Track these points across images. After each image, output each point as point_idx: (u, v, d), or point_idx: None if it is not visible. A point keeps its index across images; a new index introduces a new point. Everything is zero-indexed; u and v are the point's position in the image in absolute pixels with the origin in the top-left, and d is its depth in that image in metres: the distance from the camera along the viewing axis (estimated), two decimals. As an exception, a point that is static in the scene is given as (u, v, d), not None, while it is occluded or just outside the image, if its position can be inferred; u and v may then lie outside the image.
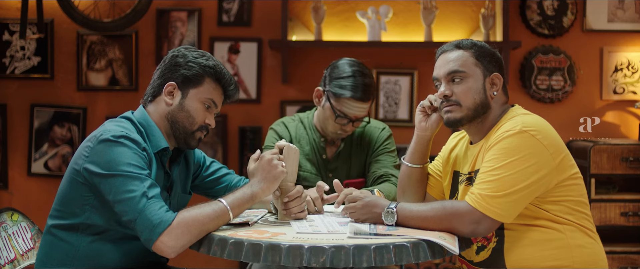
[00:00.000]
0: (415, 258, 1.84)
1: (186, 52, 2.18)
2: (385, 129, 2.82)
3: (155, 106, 2.17)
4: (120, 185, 1.94)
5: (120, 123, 2.10)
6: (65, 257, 2.05)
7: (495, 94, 2.15)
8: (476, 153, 2.15)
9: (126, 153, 1.98)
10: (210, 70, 2.15)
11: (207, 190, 2.42)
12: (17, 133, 4.21)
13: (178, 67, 2.15)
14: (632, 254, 3.67)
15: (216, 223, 1.98)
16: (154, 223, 1.90)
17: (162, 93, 2.15)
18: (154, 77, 2.20)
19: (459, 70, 2.14)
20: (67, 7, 3.93)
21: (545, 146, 2.01)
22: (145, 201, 1.92)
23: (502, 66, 2.20)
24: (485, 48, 2.18)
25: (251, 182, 2.09)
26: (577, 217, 2.08)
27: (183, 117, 2.15)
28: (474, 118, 2.16)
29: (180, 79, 2.14)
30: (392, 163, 2.74)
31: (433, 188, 2.38)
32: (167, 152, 2.16)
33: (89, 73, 4.18)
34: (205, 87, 2.16)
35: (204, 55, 2.18)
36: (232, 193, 2.05)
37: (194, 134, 2.17)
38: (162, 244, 1.90)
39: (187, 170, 2.32)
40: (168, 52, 2.22)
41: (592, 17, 4.08)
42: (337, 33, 4.11)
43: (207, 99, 2.16)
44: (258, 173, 2.10)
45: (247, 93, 4.15)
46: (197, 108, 2.15)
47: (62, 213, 2.07)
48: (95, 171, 1.98)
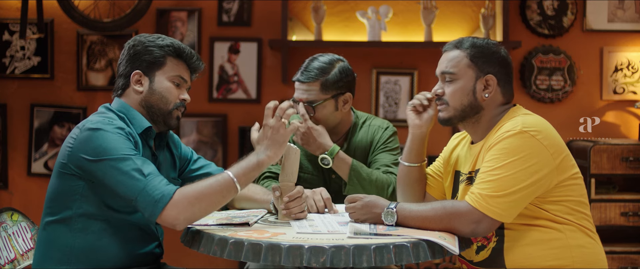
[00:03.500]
0: (415, 258, 1.84)
1: (141, 38, 2.21)
2: (388, 128, 2.75)
3: (127, 98, 2.20)
4: (113, 168, 1.96)
5: (100, 114, 2.14)
6: (62, 255, 2.06)
7: (487, 96, 2.14)
8: (477, 153, 2.16)
9: (113, 137, 2.01)
10: (169, 48, 2.19)
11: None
12: (17, 133, 4.21)
13: (138, 54, 2.18)
14: (632, 254, 3.67)
15: (222, 194, 1.98)
16: (155, 197, 1.92)
17: (131, 84, 2.19)
18: (119, 71, 2.23)
19: (449, 71, 2.16)
20: (67, 7, 3.93)
21: (545, 146, 2.01)
22: (143, 178, 1.94)
23: (504, 65, 2.18)
24: (485, 48, 2.17)
25: (256, 150, 2.07)
26: (577, 217, 2.08)
27: (156, 100, 2.18)
28: (464, 119, 2.17)
29: (144, 65, 2.18)
30: (392, 160, 2.67)
31: (433, 188, 2.38)
32: (152, 132, 2.19)
33: (89, 73, 4.18)
34: (169, 65, 2.19)
35: (160, 37, 2.22)
36: (237, 163, 2.05)
37: (171, 113, 2.20)
38: (167, 216, 1.92)
39: (172, 158, 2.34)
40: (124, 44, 2.25)
41: (592, 17, 4.08)
42: (337, 33, 4.12)
43: (174, 77, 2.20)
44: (263, 140, 2.07)
45: (247, 93, 4.15)
46: (167, 88, 2.19)
47: (54, 209, 2.09)
48: (85, 158, 1.99)
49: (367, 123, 2.77)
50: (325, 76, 2.59)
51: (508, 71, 2.19)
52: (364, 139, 2.74)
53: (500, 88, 2.17)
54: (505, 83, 2.18)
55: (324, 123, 2.63)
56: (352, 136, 2.74)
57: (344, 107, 2.66)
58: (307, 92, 2.60)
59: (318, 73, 2.59)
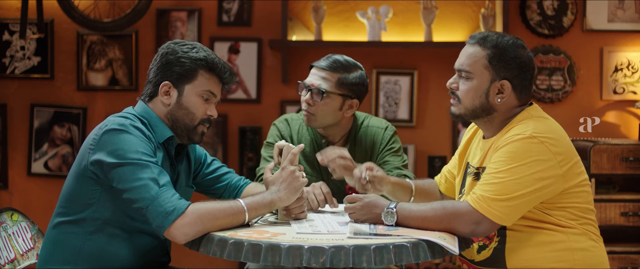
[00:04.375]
0: (415, 258, 1.84)
1: (175, 47, 2.16)
2: (388, 128, 2.75)
3: (153, 105, 2.17)
4: (130, 173, 1.94)
5: (122, 115, 2.11)
6: (69, 256, 2.05)
7: (500, 101, 2.10)
8: (487, 149, 2.14)
9: (133, 141, 1.99)
10: (202, 62, 2.13)
11: (207, 187, 2.42)
12: (17, 133, 4.21)
13: (170, 65, 2.13)
14: (632, 254, 3.67)
15: (230, 219, 1.97)
16: (167, 210, 1.90)
17: (159, 94, 2.15)
18: (149, 76, 2.19)
19: (466, 69, 2.12)
20: (67, 7, 3.93)
21: (553, 153, 1.99)
22: (157, 188, 1.93)
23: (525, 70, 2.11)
24: (508, 50, 2.10)
25: (271, 189, 2.09)
26: (582, 222, 2.07)
27: (183, 114, 2.14)
28: (477, 117, 2.15)
29: (174, 77, 2.13)
30: (401, 162, 2.68)
31: (449, 189, 2.40)
32: (173, 141, 2.16)
33: (89, 73, 4.18)
34: (200, 80, 2.14)
35: (194, 48, 2.16)
36: (252, 196, 2.06)
37: (196, 129, 2.17)
38: (176, 230, 1.90)
39: (189, 166, 2.32)
40: (158, 49, 2.20)
41: (592, 17, 4.08)
42: (337, 33, 4.11)
43: (204, 92, 2.15)
44: (279, 182, 2.09)
45: (247, 93, 4.15)
46: (195, 103, 2.15)
47: (68, 210, 2.07)
48: (103, 160, 1.97)
49: (365, 123, 2.77)
50: (346, 73, 2.61)
51: (527, 75, 2.13)
52: (364, 140, 2.74)
53: (515, 94, 2.12)
54: (522, 88, 2.13)
55: (321, 117, 2.62)
56: (354, 138, 2.74)
57: (347, 111, 2.66)
58: (322, 78, 2.60)
59: (341, 67, 2.61)
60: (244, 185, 2.41)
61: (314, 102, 2.60)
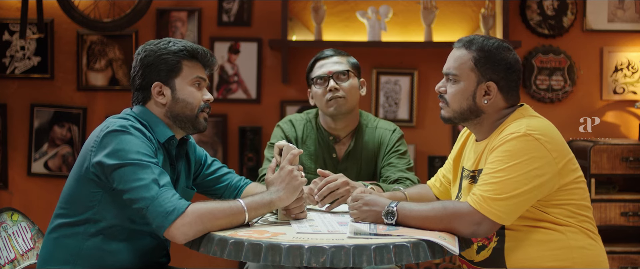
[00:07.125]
0: (415, 258, 1.84)
1: (151, 47, 2.18)
2: (396, 131, 2.80)
3: (150, 108, 2.19)
4: (130, 173, 1.95)
5: (122, 117, 2.13)
6: (69, 256, 2.06)
7: (486, 103, 2.12)
8: (480, 152, 2.15)
9: (134, 142, 2.00)
10: (183, 52, 2.17)
11: (207, 188, 2.43)
12: (17, 133, 4.21)
13: (153, 66, 2.15)
14: (632, 254, 3.67)
15: (230, 219, 1.98)
16: (167, 210, 1.91)
17: (152, 97, 2.17)
18: (135, 84, 2.20)
19: (452, 72, 2.15)
20: (67, 7, 3.93)
21: (548, 150, 2.00)
22: (157, 188, 1.94)
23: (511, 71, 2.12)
24: (494, 53, 2.12)
25: (270, 189, 2.10)
26: (579, 220, 2.07)
27: (182, 107, 2.17)
28: (466, 120, 2.17)
29: (162, 75, 2.15)
30: (406, 165, 2.72)
31: (444, 194, 2.40)
32: (174, 141, 2.18)
33: (89, 73, 4.18)
34: (186, 70, 2.17)
35: (170, 42, 2.19)
36: (251, 196, 2.07)
37: (197, 117, 2.19)
38: (176, 230, 1.91)
39: (189, 167, 2.33)
40: (134, 56, 2.22)
41: (592, 17, 4.08)
42: (337, 33, 4.12)
43: (194, 79, 2.18)
44: (278, 182, 2.10)
45: (247, 93, 4.15)
46: (190, 92, 2.17)
47: (68, 211, 2.08)
48: (104, 162, 1.99)
49: (373, 125, 2.81)
50: (349, 57, 2.81)
51: (514, 77, 2.14)
52: (371, 141, 2.78)
53: (502, 95, 2.14)
54: (508, 90, 2.14)
55: (350, 97, 2.73)
56: (359, 136, 2.77)
57: (362, 90, 2.80)
58: (338, 63, 2.75)
59: (344, 52, 2.80)
60: (244, 185, 2.42)
61: (340, 85, 2.70)
